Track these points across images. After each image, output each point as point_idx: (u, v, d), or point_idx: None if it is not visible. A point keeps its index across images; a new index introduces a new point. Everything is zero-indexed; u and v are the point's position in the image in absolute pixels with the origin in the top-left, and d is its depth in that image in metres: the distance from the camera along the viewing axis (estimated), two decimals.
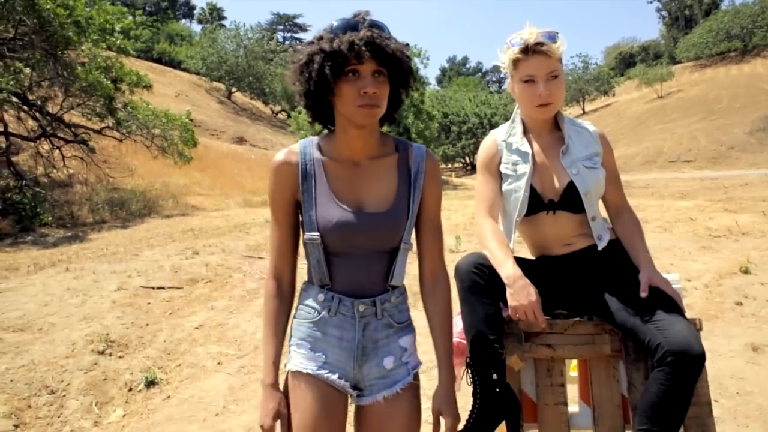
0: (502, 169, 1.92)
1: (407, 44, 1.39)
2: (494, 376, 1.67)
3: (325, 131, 1.52)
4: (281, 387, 1.49)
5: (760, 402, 3.12)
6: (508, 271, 1.73)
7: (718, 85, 43.63)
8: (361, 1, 1.43)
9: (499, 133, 1.98)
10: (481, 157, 1.98)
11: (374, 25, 1.36)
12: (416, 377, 1.53)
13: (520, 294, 1.71)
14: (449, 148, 41.78)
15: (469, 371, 1.73)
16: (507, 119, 1.97)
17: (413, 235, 1.53)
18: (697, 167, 27.43)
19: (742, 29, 52.58)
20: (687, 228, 8.43)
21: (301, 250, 1.52)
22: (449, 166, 44.35)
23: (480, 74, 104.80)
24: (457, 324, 1.91)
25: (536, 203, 1.86)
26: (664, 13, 77.84)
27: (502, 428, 1.70)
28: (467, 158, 44.65)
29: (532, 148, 1.89)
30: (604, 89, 54.34)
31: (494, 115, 41.73)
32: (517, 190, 1.86)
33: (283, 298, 1.52)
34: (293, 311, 1.55)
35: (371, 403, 1.47)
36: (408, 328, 1.54)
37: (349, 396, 1.49)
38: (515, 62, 1.82)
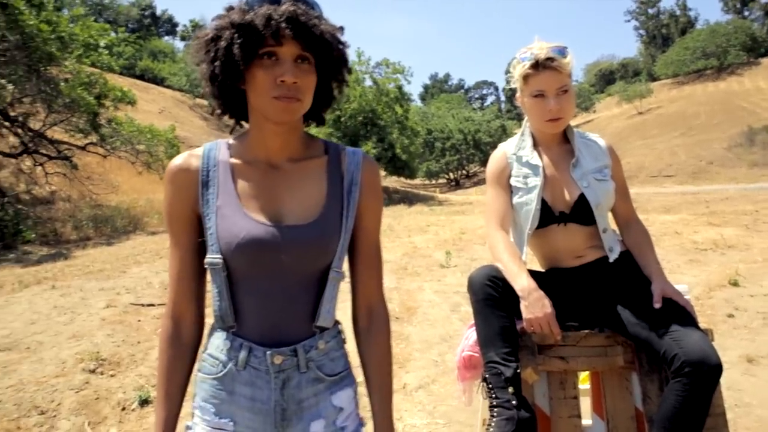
0: (513, 182, 1.92)
1: (342, 27, 1.11)
2: (510, 389, 1.66)
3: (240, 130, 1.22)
4: None
5: (759, 413, 3.14)
6: (522, 283, 1.73)
7: (695, 101, 44.51)
8: (344, 14, 1.24)
9: (509, 146, 1.99)
10: (491, 170, 1.98)
11: None
12: None
13: (535, 306, 1.70)
14: (433, 164, 42.09)
15: (485, 385, 1.72)
16: (491, 136, 1.97)
17: (346, 263, 1.20)
18: (678, 182, 27.92)
19: (717, 48, 53.89)
20: (674, 241, 8.53)
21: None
22: (433, 181, 44.64)
23: (462, 91, 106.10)
24: (470, 337, 1.91)
25: (547, 216, 1.86)
26: (641, 31, 79.67)
27: None
28: (451, 174, 44.95)
29: (542, 161, 1.90)
30: (585, 106, 55.25)
31: (478, 131, 42.14)
32: (529, 203, 1.87)
33: (183, 344, 1.17)
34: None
35: None
36: (345, 381, 1.19)
37: None
38: (525, 77, 1.83)
